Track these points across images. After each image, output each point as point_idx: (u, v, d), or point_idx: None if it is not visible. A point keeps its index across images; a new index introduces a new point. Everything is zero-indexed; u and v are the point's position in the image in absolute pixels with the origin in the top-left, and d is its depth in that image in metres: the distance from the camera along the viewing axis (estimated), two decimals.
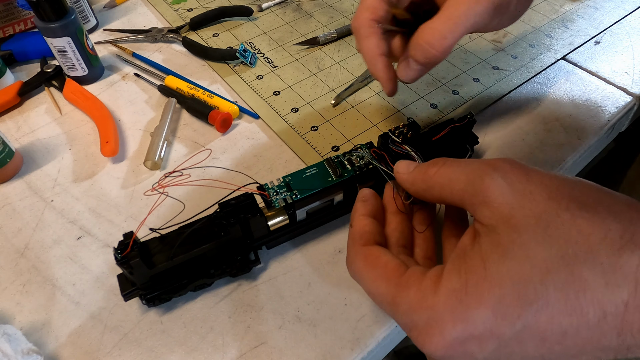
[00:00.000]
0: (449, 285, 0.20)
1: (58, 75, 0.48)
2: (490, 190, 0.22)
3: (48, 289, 0.33)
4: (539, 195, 0.21)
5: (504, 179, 0.22)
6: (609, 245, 0.18)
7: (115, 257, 0.27)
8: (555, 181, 0.21)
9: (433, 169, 0.25)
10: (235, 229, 0.30)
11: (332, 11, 0.57)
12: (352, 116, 0.44)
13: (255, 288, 0.33)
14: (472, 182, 0.23)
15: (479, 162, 0.24)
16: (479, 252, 0.21)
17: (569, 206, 0.20)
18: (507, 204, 0.21)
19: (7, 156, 0.39)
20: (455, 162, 0.25)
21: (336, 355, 0.30)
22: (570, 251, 0.19)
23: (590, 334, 0.18)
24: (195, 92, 0.45)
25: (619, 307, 0.18)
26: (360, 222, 0.28)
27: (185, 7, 0.58)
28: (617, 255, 0.18)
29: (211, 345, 0.30)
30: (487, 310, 0.19)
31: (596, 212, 0.19)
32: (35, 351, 0.28)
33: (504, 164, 0.22)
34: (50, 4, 0.42)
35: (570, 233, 0.19)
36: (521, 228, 0.20)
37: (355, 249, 0.26)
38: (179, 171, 0.39)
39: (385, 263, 0.24)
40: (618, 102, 0.45)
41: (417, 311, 0.21)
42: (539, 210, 0.20)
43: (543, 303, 0.19)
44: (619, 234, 0.19)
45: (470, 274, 0.20)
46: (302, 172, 0.33)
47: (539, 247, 0.19)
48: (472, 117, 0.35)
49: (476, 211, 0.22)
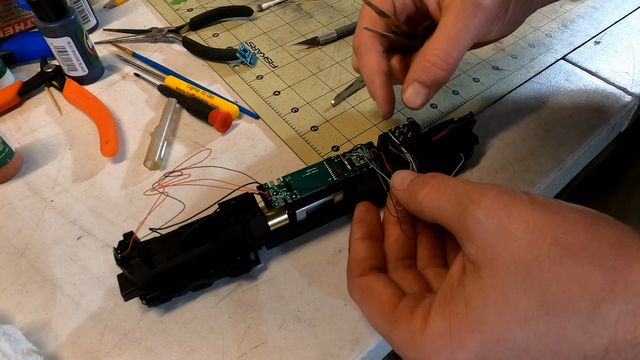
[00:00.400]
0: (434, 327, 0.21)
1: (58, 75, 0.48)
2: (473, 229, 0.21)
3: (48, 289, 0.33)
4: (521, 239, 0.20)
5: (486, 217, 0.21)
6: (589, 298, 0.18)
7: (115, 257, 0.27)
8: (539, 219, 0.20)
9: (422, 191, 0.25)
10: (235, 229, 0.30)
11: (332, 11, 0.57)
12: (352, 116, 0.44)
13: (255, 288, 0.33)
14: (457, 214, 0.22)
15: (463, 190, 0.23)
16: (463, 295, 0.21)
17: (550, 252, 0.19)
18: (490, 245, 0.21)
19: (7, 156, 0.39)
20: (442, 185, 0.24)
21: (336, 355, 0.30)
22: (549, 300, 0.19)
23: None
24: (195, 92, 0.45)
25: (600, 351, 0.18)
26: (356, 248, 0.28)
27: (185, 7, 0.58)
28: (597, 308, 0.18)
29: (211, 345, 0.30)
30: (470, 353, 0.20)
31: (578, 260, 0.19)
32: (35, 351, 0.28)
33: (485, 199, 0.22)
34: (50, 4, 0.42)
35: (549, 282, 0.19)
36: (502, 273, 0.20)
37: (352, 281, 0.27)
38: (178, 171, 0.39)
39: (379, 295, 0.25)
40: (618, 102, 0.45)
41: (407, 349, 0.23)
42: (520, 255, 0.20)
43: (523, 348, 0.19)
44: (600, 285, 0.18)
45: (454, 318, 0.21)
46: (302, 172, 0.33)
47: (519, 295, 0.19)
48: (472, 117, 0.35)
49: (463, 245, 0.22)
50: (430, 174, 0.26)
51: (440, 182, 0.25)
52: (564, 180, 0.43)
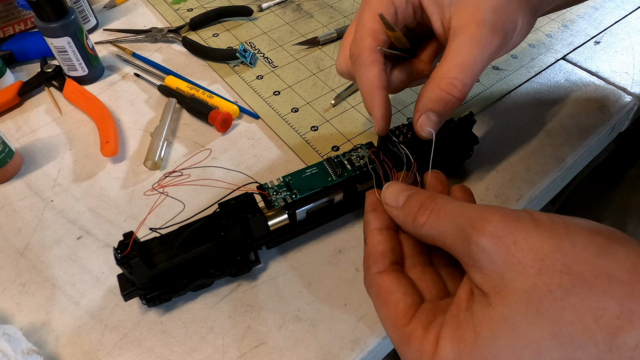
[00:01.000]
0: (444, 355, 0.21)
1: (58, 75, 0.48)
2: (479, 258, 0.21)
3: (48, 289, 0.33)
4: (530, 267, 0.19)
5: (491, 245, 0.20)
6: (605, 327, 0.18)
7: (115, 257, 0.27)
8: (546, 245, 0.19)
9: (422, 217, 0.24)
10: (235, 229, 0.30)
11: (332, 11, 0.57)
12: (352, 116, 0.44)
13: (255, 288, 0.33)
14: (459, 241, 0.22)
15: (464, 216, 0.22)
16: (472, 323, 0.20)
17: (561, 281, 0.19)
18: (498, 276, 0.20)
19: (7, 156, 0.39)
20: (443, 209, 0.23)
21: (336, 355, 0.30)
22: (564, 331, 0.18)
23: None
24: (195, 92, 0.45)
25: None
26: (373, 239, 0.27)
27: (185, 7, 0.58)
28: (614, 337, 0.18)
29: (211, 345, 0.30)
30: None
31: (592, 289, 0.18)
32: (35, 351, 0.28)
33: (489, 226, 0.21)
34: (51, 4, 0.42)
35: (563, 312, 0.18)
36: (512, 304, 0.19)
37: (370, 277, 0.26)
38: (178, 171, 0.39)
39: (396, 303, 0.24)
40: (618, 102, 0.45)
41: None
42: (530, 285, 0.19)
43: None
44: (616, 314, 0.18)
45: (462, 346, 0.20)
46: (302, 172, 0.33)
47: (531, 327, 0.19)
48: (472, 117, 0.35)
49: (469, 272, 0.22)
50: (427, 196, 0.25)
51: (439, 207, 0.24)
52: (564, 180, 0.43)
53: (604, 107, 0.44)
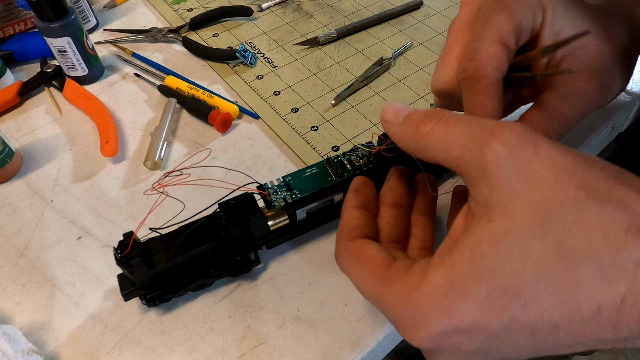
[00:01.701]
0: (434, 280, 0.19)
1: (58, 75, 0.48)
2: (491, 166, 0.19)
3: (48, 289, 0.33)
4: (546, 179, 0.18)
5: (508, 153, 0.19)
6: (612, 241, 0.17)
7: (115, 257, 0.27)
8: (567, 160, 0.19)
9: (427, 126, 0.22)
10: (235, 229, 0.30)
11: (332, 11, 0.57)
12: (352, 116, 0.44)
13: (255, 288, 0.33)
14: (470, 151, 0.20)
15: (481, 124, 0.20)
16: (468, 242, 0.19)
17: (576, 194, 0.18)
18: (508, 186, 0.19)
19: (7, 156, 0.39)
20: (453, 119, 0.21)
21: (336, 355, 0.30)
22: (568, 244, 0.17)
23: (584, 327, 0.18)
24: (195, 92, 0.45)
25: (615, 301, 0.17)
26: (349, 214, 0.26)
27: (185, 7, 0.58)
28: (619, 252, 0.17)
29: (211, 345, 0.30)
30: (473, 304, 0.18)
31: (605, 203, 0.17)
32: (36, 351, 0.28)
33: (509, 132, 0.19)
34: (50, 4, 0.42)
35: (571, 226, 0.17)
36: (517, 216, 0.18)
37: (342, 244, 0.25)
38: (178, 171, 0.39)
39: (372, 257, 0.23)
40: (618, 102, 0.45)
41: (401, 307, 0.20)
42: (542, 197, 0.18)
43: (532, 297, 0.18)
44: (624, 228, 0.17)
45: (457, 268, 0.19)
46: (302, 172, 0.33)
47: (535, 240, 0.18)
48: None
49: (473, 186, 0.20)
50: (433, 109, 0.23)
51: (450, 116, 0.21)
52: None
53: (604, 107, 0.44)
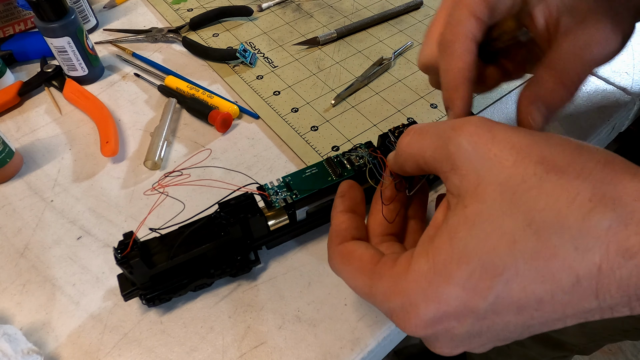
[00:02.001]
0: (418, 269, 0.20)
1: (58, 75, 0.48)
2: (456, 157, 0.21)
3: (48, 289, 0.33)
4: (505, 160, 0.19)
5: (468, 143, 0.20)
6: (577, 209, 0.17)
7: (115, 257, 0.27)
8: (524, 140, 0.20)
9: (405, 139, 0.24)
10: (235, 229, 0.30)
11: (332, 11, 0.57)
12: (352, 116, 0.44)
13: (255, 288, 0.33)
14: (439, 148, 0.22)
15: (445, 125, 0.22)
16: (447, 229, 0.20)
17: (536, 170, 0.19)
18: (474, 172, 0.20)
19: (7, 156, 0.39)
20: (425, 127, 0.24)
21: (336, 355, 0.30)
22: (537, 218, 0.18)
23: (568, 299, 0.18)
24: (195, 92, 0.45)
25: (592, 270, 0.17)
26: (337, 219, 0.27)
27: (185, 7, 0.58)
28: (587, 219, 0.17)
29: (211, 345, 0.30)
30: (457, 287, 0.19)
31: (565, 174, 0.18)
32: (36, 351, 0.28)
33: (468, 125, 0.21)
34: (51, 4, 0.42)
35: (537, 200, 0.18)
36: (487, 198, 0.19)
37: (332, 249, 0.26)
38: (178, 171, 0.39)
39: (360, 255, 0.24)
40: (618, 102, 0.45)
41: (391, 298, 0.21)
42: (505, 176, 0.19)
43: (512, 273, 0.18)
44: (588, 196, 0.18)
45: (438, 254, 0.20)
46: (302, 172, 0.33)
47: (505, 217, 0.19)
48: None
49: (447, 180, 0.21)
50: (411, 126, 0.25)
51: (421, 126, 0.24)
52: None
53: (604, 107, 0.44)
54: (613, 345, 1.10)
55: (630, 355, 1.09)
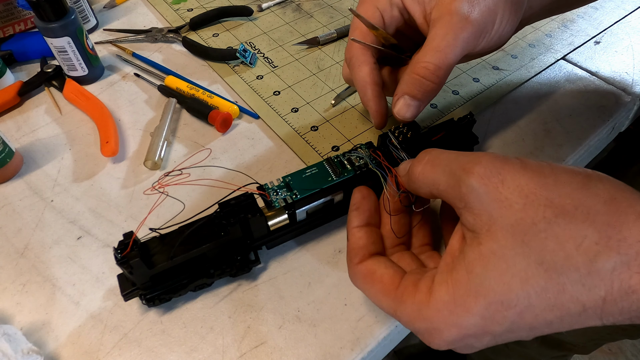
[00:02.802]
0: (439, 297, 0.22)
1: (58, 75, 0.48)
2: (469, 198, 0.22)
3: (48, 289, 0.33)
4: (516, 203, 0.21)
5: (479, 185, 0.22)
6: (585, 253, 0.19)
7: (115, 257, 0.27)
8: (532, 183, 0.21)
9: (418, 167, 0.26)
10: (235, 229, 0.30)
11: (332, 11, 0.57)
12: (352, 116, 0.44)
13: (255, 288, 0.33)
14: (451, 186, 0.23)
15: (456, 161, 0.24)
16: (464, 264, 0.22)
17: (545, 214, 0.20)
18: (486, 213, 0.21)
19: (7, 156, 0.39)
20: (437, 159, 0.25)
21: (336, 355, 0.30)
22: (547, 258, 0.20)
23: (574, 321, 0.20)
24: (195, 92, 0.45)
25: (598, 302, 0.19)
26: (354, 236, 0.28)
27: (185, 7, 0.58)
28: (593, 262, 0.19)
29: (211, 345, 0.30)
30: (476, 316, 0.21)
31: (573, 219, 0.20)
32: (36, 351, 0.28)
33: (478, 167, 0.22)
34: (51, 4, 0.42)
35: (546, 242, 0.20)
36: (500, 238, 0.21)
37: (353, 269, 0.28)
38: (178, 170, 0.39)
39: (381, 277, 0.26)
40: (618, 102, 0.45)
41: (416, 322, 0.23)
42: (516, 219, 0.21)
43: (526, 306, 0.20)
44: (595, 240, 0.19)
45: (457, 286, 0.22)
46: (302, 172, 0.33)
47: (518, 257, 0.20)
48: (472, 117, 0.35)
49: (461, 215, 0.23)
50: (424, 151, 0.27)
51: (433, 157, 0.25)
52: None
53: (603, 107, 0.44)
54: (613, 345, 1.10)
55: (630, 355, 1.09)
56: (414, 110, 0.32)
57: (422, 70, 0.30)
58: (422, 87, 0.30)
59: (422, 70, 0.30)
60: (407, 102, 0.31)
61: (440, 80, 0.30)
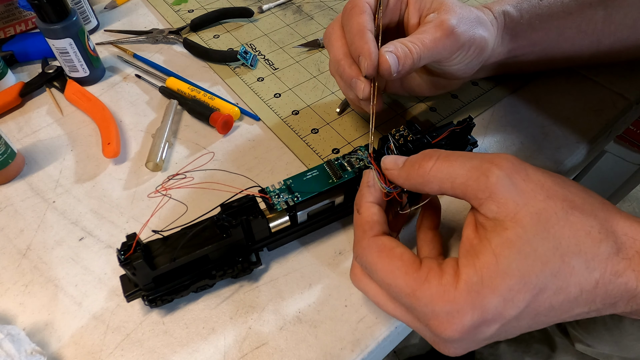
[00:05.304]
0: (468, 279, 0.23)
1: (59, 76, 0.48)
2: (496, 187, 0.24)
3: (50, 290, 0.33)
4: (539, 194, 0.24)
5: (507, 177, 0.24)
6: (591, 239, 0.23)
7: (119, 258, 0.27)
8: (549, 181, 0.25)
9: (429, 163, 0.27)
10: (237, 231, 0.30)
11: (333, 13, 0.58)
12: (352, 119, 0.45)
13: (256, 289, 0.33)
14: (475, 178, 0.25)
15: (479, 158, 0.26)
16: (490, 249, 0.24)
17: (563, 206, 0.24)
18: (513, 201, 0.24)
19: (9, 157, 0.39)
20: (452, 156, 0.26)
21: (336, 356, 0.30)
22: (563, 243, 0.23)
23: (568, 306, 0.23)
24: (196, 94, 0.46)
25: (592, 284, 0.23)
26: (369, 210, 0.29)
27: (186, 8, 0.59)
28: (597, 247, 0.23)
29: (213, 345, 0.30)
30: (499, 297, 0.23)
31: (583, 211, 0.24)
32: (39, 351, 0.29)
33: (505, 161, 0.25)
34: (52, 5, 0.42)
35: (564, 230, 0.23)
36: (526, 225, 0.23)
37: (367, 241, 0.27)
38: (182, 174, 0.39)
39: (401, 255, 0.26)
40: (616, 104, 0.45)
41: (439, 303, 0.24)
42: (539, 208, 0.23)
43: (541, 288, 0.23)
44: (597, 229, 0.23)
45: (485, 269, 0.23)
46: (303, 175, 0.33)
47: (540, 241, 0.23)
48: (471, 121, 0.36)
49: (482, 206, 0.25)
50: (427, 150, 0.28)
51: (447, 154, 0.27)
52: None
53: (601, 110, 0.45)
54: None
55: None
56: (392, 68, 0.33)
57: (412, 48, 0.32)
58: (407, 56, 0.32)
59: (412, 47, 0.33)
60: (392, 59, 0.33)
61: (413, 63, 0.32)
